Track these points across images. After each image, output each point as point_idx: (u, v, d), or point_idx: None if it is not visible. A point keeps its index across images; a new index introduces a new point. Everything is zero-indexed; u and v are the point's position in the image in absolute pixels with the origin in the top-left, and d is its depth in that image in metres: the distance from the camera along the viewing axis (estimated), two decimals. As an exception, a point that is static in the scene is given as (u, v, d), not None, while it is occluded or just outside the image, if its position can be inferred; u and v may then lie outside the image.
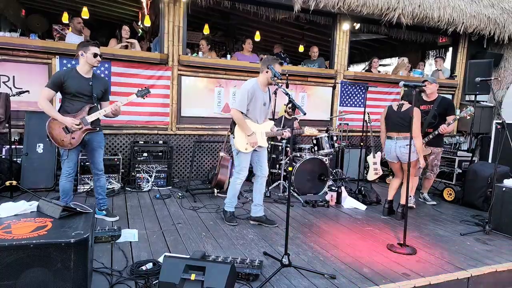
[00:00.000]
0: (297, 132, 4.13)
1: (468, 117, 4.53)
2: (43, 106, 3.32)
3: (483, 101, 7.52)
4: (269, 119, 4.00)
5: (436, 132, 4.52)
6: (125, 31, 5.74)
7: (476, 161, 5.55)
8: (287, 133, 3.82)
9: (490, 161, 6.15)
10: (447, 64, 7.95)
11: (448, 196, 5.25)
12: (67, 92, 3.36)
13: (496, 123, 6.22)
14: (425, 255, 3.26)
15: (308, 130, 3.98)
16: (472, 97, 6.77)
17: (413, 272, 2.88)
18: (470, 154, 5.49)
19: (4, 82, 4.73)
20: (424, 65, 8.35)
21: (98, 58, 3.43)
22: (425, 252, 3.33)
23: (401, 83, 3.43)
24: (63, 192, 3.49)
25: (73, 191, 3.63)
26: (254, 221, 3.89)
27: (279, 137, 3.88)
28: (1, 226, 2.09)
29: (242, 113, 3.64)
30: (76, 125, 3.32)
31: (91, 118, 3.40)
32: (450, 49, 8.15)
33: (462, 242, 3.64)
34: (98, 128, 3.51)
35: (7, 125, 4.21)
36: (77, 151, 3.50)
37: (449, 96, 7.57)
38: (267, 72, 3.59)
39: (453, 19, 6.49)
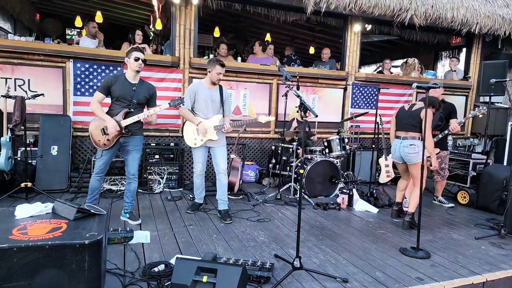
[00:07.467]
0: (240, 124, 4.17)
1: (481, 116, 4.53)
2: (92, 107, 3.53)
3: (498, 103, 7.38)
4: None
5: (446, 132, 4.57)
6: (139, 36, 5.80)
7: (490, 164, 5.44)
8: (227, 126, 3.94)
9: (505, 163, 6.03)
10: (461, 65, 7.83)
11: (462, 199, 5.16)
12: (112, 96, 3.57)
13: (512, 124, 6.10)
14: (439, 259, 3.21)
15: (263, 118, 4.07)
16: (487, 99, 6.66)
17: (427, 277, 2.85)
18: (485, 157, 5.39)
19: (19, 86, 4.83)
20: (434, 66, 8.24)
21: (140, 62, 3.56)
22: (439, 256, 3.28)
23: (414, 84, 3.37)
24: (90, 190, 3.67)
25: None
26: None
27: (224, 130, 3.97)
28: (17, 227, 2.12)
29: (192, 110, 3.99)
30: (117, 130, 3.48)
31: (125, 123, 3.53)
32: (464, 49, 8.03)
33: (476, 246, 3.58)
34: (130, 133, 3.60)
35: (22, 127, 4.28)
36: (111, 153, 3.64)
37: (463, 98, 7.47)
38: (210, 72, 3.92)
39: (467, 20, 6.39)
